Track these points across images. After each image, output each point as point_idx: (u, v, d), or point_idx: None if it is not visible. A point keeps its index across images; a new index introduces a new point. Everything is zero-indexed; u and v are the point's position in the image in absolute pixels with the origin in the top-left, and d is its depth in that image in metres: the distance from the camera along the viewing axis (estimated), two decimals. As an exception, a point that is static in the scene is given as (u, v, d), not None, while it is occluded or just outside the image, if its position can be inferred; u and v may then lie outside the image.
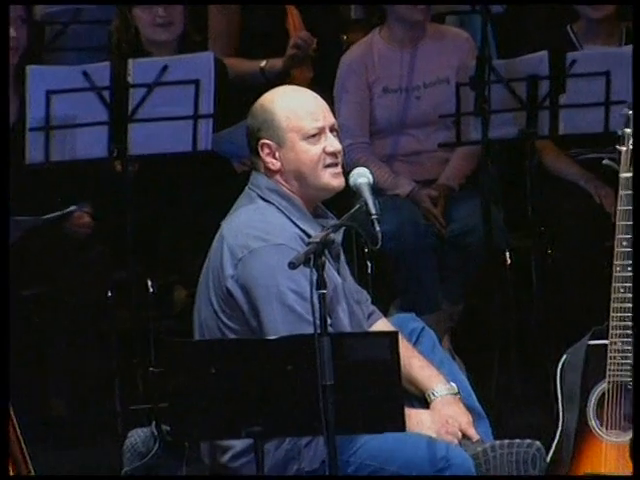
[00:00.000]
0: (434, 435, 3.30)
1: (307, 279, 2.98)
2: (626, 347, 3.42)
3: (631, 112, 3.49)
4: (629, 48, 4.40)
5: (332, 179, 3.30)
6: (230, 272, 3.27)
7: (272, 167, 3.30)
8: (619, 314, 3.38)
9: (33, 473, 3.47)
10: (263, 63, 5.08)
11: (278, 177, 3.33)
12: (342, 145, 3.34)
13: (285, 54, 5.08)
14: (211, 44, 5.08)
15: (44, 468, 3.73)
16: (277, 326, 3.20)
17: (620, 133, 3.30)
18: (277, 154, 3.31)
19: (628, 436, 3.36)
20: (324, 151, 3.28)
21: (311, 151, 3.30)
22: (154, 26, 4.79)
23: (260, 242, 3.25)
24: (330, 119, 3.34)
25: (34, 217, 4.41)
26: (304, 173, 3.32)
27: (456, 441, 3.30)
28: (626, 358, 3.43)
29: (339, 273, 3.36)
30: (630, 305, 3.43)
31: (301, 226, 3.29)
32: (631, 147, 3.42)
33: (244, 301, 3.25)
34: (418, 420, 3.32)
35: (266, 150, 3.29)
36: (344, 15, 5.45)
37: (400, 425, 3.07)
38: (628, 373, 3.42)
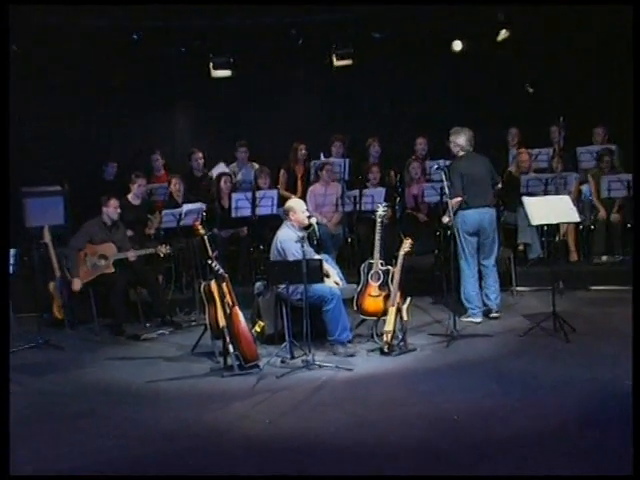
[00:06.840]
0: (331, 285, 7.62)
1: (300, 248, 7.30)
2: (379, 261, 7.46)
3: (383, 209, 8.08)
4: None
5: (308, 221, 7.66)
6: (279, 246, 7.61)
7: (293, 219, 7.62)
8: (379, 252, 7.35)
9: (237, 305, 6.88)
10: (297, 196, 10.09)
11: (295, 222, 7.66)
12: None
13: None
14: (280, 187, 10.30)
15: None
16: (290, 259, 7.31)
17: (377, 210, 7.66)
18: (294, 216, 7.67)
19: (377, 283, 7.55)
20: (307, 216, 7.70)
21: (304, 215, 7.69)
22: (263, 184, 10.15)
23: (287, 238, 7.58)
24: (305, 206, 7.78)
25: (231, 230, 9.91)
26: (301, 221, 7.71)
27: (336, 287, 7.67)
28: (379, 265, 7.43)
29: (307, 246, 7.37)
30: (379, 248, 7.44)
31: (298, 235, 7.39)
32: (380, 213, 8.11)
33: (283, 253, 7.55)
34: (327, 281, 7.62)
35: (291, 215, 7.69)
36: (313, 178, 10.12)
37: (321, 280, 7.43)
38: (380, 267, 7.48)
